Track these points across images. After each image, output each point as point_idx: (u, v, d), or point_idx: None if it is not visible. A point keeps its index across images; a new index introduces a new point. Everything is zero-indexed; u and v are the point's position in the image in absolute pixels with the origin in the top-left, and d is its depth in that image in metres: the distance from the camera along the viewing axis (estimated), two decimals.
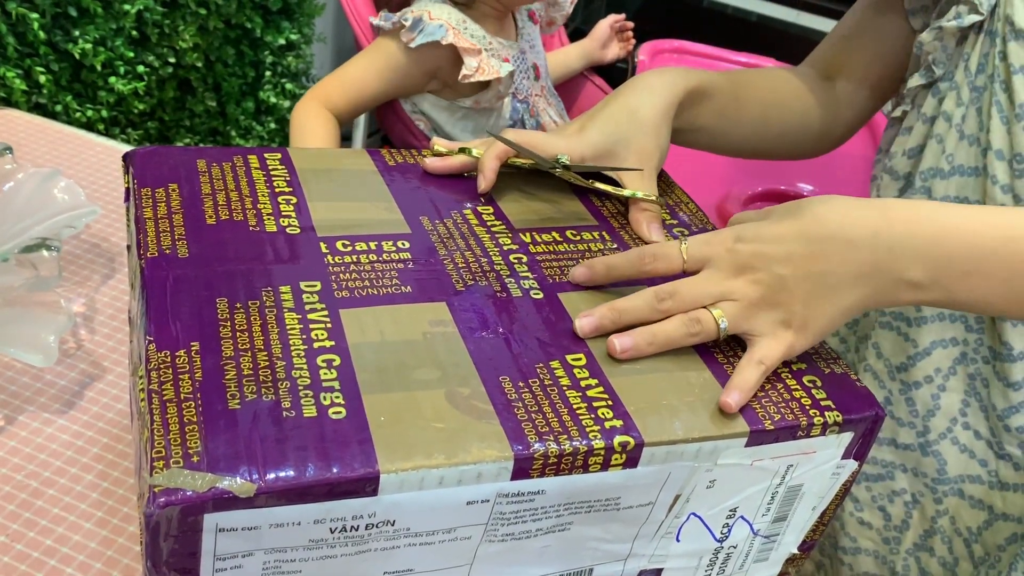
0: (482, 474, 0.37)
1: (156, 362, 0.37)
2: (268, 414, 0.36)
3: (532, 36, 1.05)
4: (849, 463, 0.46)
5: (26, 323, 0.56)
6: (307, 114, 0.92)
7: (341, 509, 0.35)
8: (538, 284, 0.47)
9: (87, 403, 0.58)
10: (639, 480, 0.41)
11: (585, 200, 0.56)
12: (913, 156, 0.60)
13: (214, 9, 1.09)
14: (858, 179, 0.96)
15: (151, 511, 0.32)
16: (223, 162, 0.51)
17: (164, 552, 0.34)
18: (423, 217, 0.51)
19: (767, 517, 0.47)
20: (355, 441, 0.36)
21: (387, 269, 0.46)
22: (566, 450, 0.38)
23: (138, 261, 0.44)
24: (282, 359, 0.39)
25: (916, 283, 0.44)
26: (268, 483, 0.34)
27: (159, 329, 0.39)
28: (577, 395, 0.41)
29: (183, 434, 0.35)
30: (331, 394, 0.38)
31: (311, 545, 0.36)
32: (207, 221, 0.46)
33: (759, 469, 0.44)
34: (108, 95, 0.99)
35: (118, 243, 0.71)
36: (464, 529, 0.39)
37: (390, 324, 0.42)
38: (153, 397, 0.36)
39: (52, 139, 0.82)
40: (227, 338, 0.39)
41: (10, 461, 0.53)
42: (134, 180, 0.48)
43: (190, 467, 0.33)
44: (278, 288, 0.43)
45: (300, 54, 1.29)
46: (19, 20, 0.87)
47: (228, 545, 0.34)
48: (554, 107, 1.06)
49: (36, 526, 0.50)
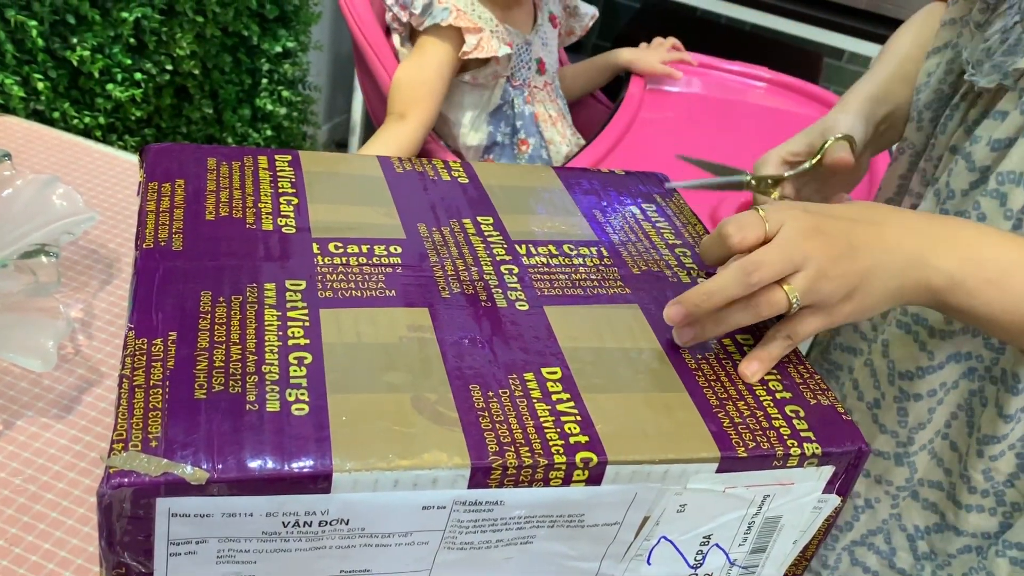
0: (438, 480, 0.37)
1: (132, 348, 0.39)
2: (231, 406, 0.37)
3: (547, 36, 1.07)
4: (832, 498, 0.45)
5: (25, 328, 0.57)
6: (386, 131, 0.93)
7: (293, 504, 0.36)
8: (525, 296, 0.47)
9: (85, 408, 0.58)
10: (603, 498, 0.40)
11: (590, 217, 0.56)
12: (998, 149, 0.53)
13: (211, 17, 1.11)
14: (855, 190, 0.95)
15: (104, 491, 0.34)
16: (232, 160, 0.53)
17: (118, 532, 0.35)
18: (421, 224, 0.51)
19: (744, 547, 0.45)
20: (313, 438, 0.37)
21: (375, 272, 0.47)
22: (525, 462, 0.38)
23: (135, 252, 0.45)
24: (255, 354, 0.40)
25: (947, 274, 0.45)
26: (220, 472, 0.35)
27: (141, 317, 0.40)
28: (546, 409, 0.41)
29: (146, 419, 0.36)
30: (297, 391, 0.39)
31: (264, 537, 0.37)
32: (206, 216, 0.48)
33: (733, 496, 0.43)
34: (105, 102, 1.01)
35: (116, 249, 0.73)
36: (421, 534, 0.39)
37: (368, 326, 0.43)
38: (124, 382, 0.37)
39: (50, 146, 0.83)
40: (205, 330, 0.40)
41: (8, 465, 0.54)
42: (145, 174, 0.50)
43: (147, 451, 0.35)
44: (263, 285, 0.44)
45: (296, 61, 1.30)
46: (18, 27, 0.89)
47: (181, 531, 0.35)
48: (555, 104, 1.07)
49: (34, 530, 0.51)
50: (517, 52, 1.01)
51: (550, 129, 1.05)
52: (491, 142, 1.03)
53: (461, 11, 0.95)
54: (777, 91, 1.16)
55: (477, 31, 0.95)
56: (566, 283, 0.49)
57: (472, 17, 0.96)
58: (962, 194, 0.55)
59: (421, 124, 0.93)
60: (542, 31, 1.06)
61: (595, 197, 0.58)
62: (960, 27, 0.56)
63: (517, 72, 1.02)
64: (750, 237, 0.45)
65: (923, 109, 0.59)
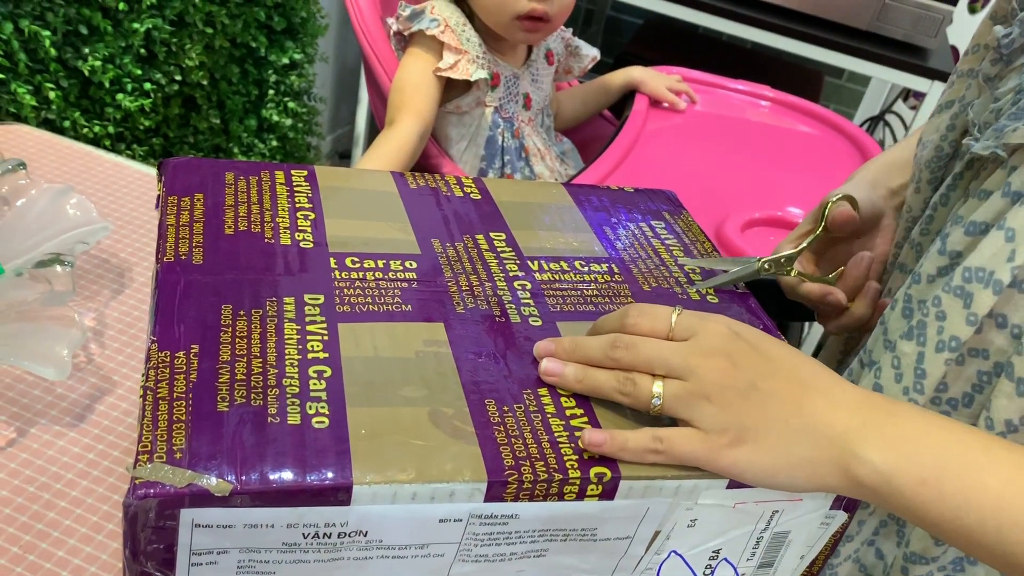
0: (455, 493, 0.38)
1: (156, 361, 0.40)
2: (253, 418, 0.38)
3: (539, 73, 1.07)
4: (839, 514, 0.45)
5: (40, 337, 0.57)
6: (378, 140, 0.94)
7: (314, 516, 0.37)
8: (538, 312, 0.48)
9: (98, 416, 0.59)
10: (616, 513, 0.41)
11: (600, 234, 0.57)
12: (972, 234, 0.48)
13: (220, 28, 1.12)
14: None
15: (130, 501, 0.34)
16: (250, 175, 0.54)
17: (142, 542, 0.35)
18: (435, 239, 0.52)
19: (752, 562, 0.46)
20: (333, 451, 0.37)
21: (391, 287, 0.47)
22: (541, 477, 0.39)
23: (155, 265, 0.46)
24: (275, 367, 0.40)
25: (872, 467, 0.39)
26: (244, 484, 0.35)
27: (163, 330, 0.41)
28: (560, 423, 0.41)
29: (170, 431, 0.36)
30: (317, 404, 0.39)
31: (285, 548, 0.37)
32: (225, 231, 0.49)
33: (742, 512, 0.43)
34: (115, 111, 1.02)
35: (127, 258, 0.74)
36: (437, 546, 0.40)
37: (385, 340, 0.44)
38: (148, 394, 0.38)
39: (61, 154, 0.84)
40: (226, 343, 0.41)
41: (22, 473, 0.54)
42: (164, 188, 0.51)
43: (172, 463, 0.35)
44: (282, 299, 0.45)
45: (303, 73, 1.31)
46: (31, 37, 0.90)
47: (203, 541, 0.36)
48: (542, 138, 1.07)
49: (48, 537, 0.51)
50: (505, 84, 1.01)
51: (540, 164, 1.05)
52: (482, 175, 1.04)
53: (450, 28, 0.96)
54: (781, 110, 1.18)
55: (458, 52, 0.95)
56: (578, 299, 0.50)
57: (460, 38, 0.96)
58: (928, 280, 0.50)
59: (411, 127, 0.93)
60: (534, 67, 1.06)
61: (605, 214, 0.59)
62: (970, 80, 0.51)
63: (505, 104, 1.02)
64: (644, 325, 0.43)
65: (923, 168, 0.55)
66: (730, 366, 0.41)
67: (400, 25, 0.98)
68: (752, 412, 0.41)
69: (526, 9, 0.94)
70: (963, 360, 0.47)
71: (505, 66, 1.02)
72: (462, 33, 0.97)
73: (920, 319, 0.48)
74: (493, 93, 1.01)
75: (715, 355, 0.41)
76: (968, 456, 0.39)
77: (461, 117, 1.02)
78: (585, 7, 2.39)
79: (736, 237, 0.84)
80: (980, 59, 0.49)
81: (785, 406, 0.41)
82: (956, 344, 0.46)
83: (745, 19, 1.49)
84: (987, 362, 0.46)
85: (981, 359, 0.46)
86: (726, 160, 1.04)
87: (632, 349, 0.42)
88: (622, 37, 2.38)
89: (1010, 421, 0.45)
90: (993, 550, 0.39)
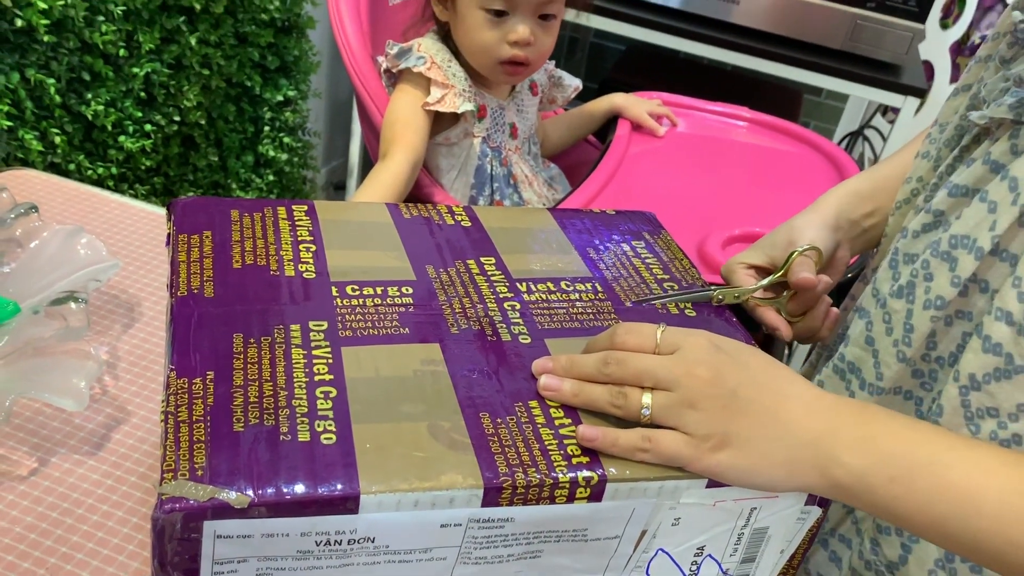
0: (454, 499, 0.41)
1: (175, 387, 0.43)
2: (267, 437, 0.41)
3: (524, 104, 1.11)
4: (814, 509, 0.48)
5: (58, 370, 0.60)
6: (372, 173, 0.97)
7: (325, 524, 0.40)
8: (527, 330, 0.52)
9: (115, 444, 0.62)
10: (604, 514, 0.44)
11: (584, 255, 0.61)
12: (955, 196, 0.51)
13: (216, 69, 1.17)
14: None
15: (158, 516, 0.37)
16: (254, 212, 0.57)
17: (169, 553, 0.38)
18: (429, 266, 0.56)
19: (735, 557, 0.49)
20: (341, 464, 0.40)
21: (389, 312, 0.51)
22: (533, 482, 0.42)
23: (170, 299, 0.49)
24: (285, 389, 0.44)
25: (848, 469, 0.43)
26: (260, 496, 0.38)
27: (180, 359, 0.45)
28: (550, 432, 0.45)
29: (191, 451, 0.40)
30: (325, 422, 0.43)
31: (299, 555, 0.40)
32: (233, 265, 0.52)
33: (722, 510, 0.46)
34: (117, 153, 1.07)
35: (136, 294, 0.77)
36: (440, 550, 0.43)
37: (385, 361, 0.47)
38: (169, 418, 0.41)
39: (69, 196, 0.88)
40: (239, 369, 0.45)
41: (45, 500, 0.58)
42: (174, 227, 0.55)
43: (194, 479, 0.38)
44: (289, 326, 0.48)
45: (297, 109, 1.37)
46: (37, 85, 0.94)
47: (225, 551, 0.39)
48: (529, 165, 1.12)
49: (73, 559, 0.54)
50: (492, 115, 1.06)
51: (528, 190, 1.10)
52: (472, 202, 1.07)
53: (436, 64, 1.00)
54: (757, 129, 1.22)
55: (444, 86, 0.99)
56: (564, 317, 0.53)
57: (446, 73, 1.00)
58: (913, 235, 0.54)
59: (403, 159, 0.96)
60: (519, 98, 1.10)
61: (588, 236, 0.63)
62: (988, 64, 0.53)
63: (493, 134, 1.07)
64: (631, 342, 0.46)
65: (943, 147, 0.56)
66: (712, 377, 0.45)
67: (389, 63, 1.03)
68: (733, 419, 0.44)
69: (508, 55, 0.99)
70: (951, 321, 0.51)
71: (491, 98, 1.06)
72: (448, 68, 1.02)
73: (910, 279, 0.52)
74: (480, 124, 1.05)
75: (698, 367, 0.45)
76: (933, 454, 0.43)
77: (451, 148, 1.06)
78: (569, 35, 2.45)
79: (717, 253, 0.88)
80: (998, 45, 0.52)
81: (764, 413, 0.44)
82: (941, 303, 0.50)
83: (724, 43, 1.54)
84: (970, 324, 0.50)
85: (966, 321, 0.50)
86: (707, 179, 1.09)
87: (622, 364, 0.46)
88: (606, 63, 2.43)
89: (973, 375, 0.48)
90: (960, 539, 0.42)
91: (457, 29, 1.01)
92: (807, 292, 0.60)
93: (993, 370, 0.47)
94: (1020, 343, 0.46)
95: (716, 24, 1.57)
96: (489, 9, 0.96)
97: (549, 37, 1.01)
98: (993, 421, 0.48)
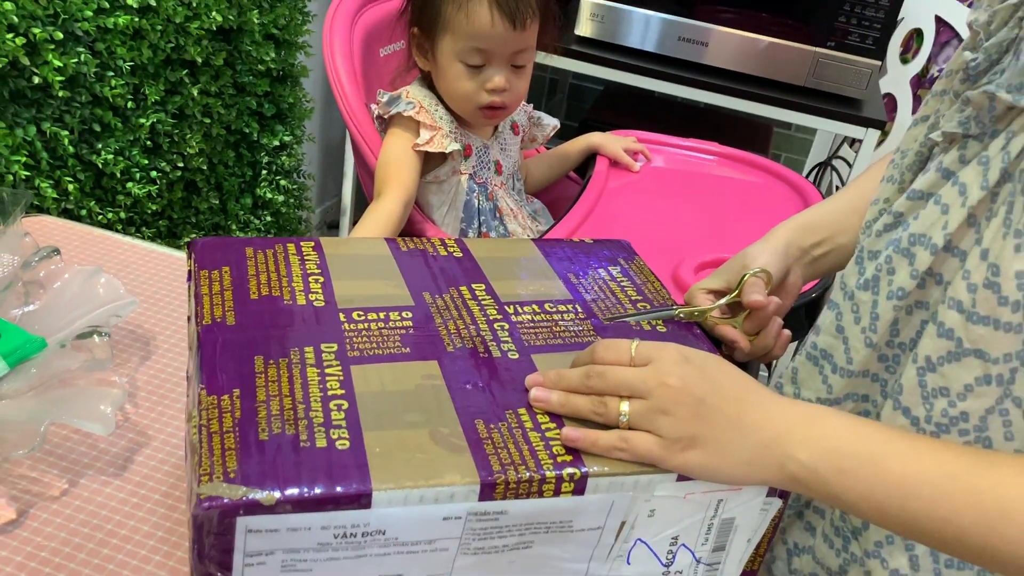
0: (455, 495, 0.47)
1: (206, 404, 0.49)
2: (289, 444, 0.47)
3: (507, 142, 1.19)
4: (775, 501, 0.54)
5: (86, 398, 0.65)
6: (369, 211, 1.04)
7: (342, 518, 0.45)
8: (515, 347, 0.58)
9: (137, 466, 0.68)
10: (587, 506, 0.50)
11: (566, 280, 0.67)
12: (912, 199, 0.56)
13: (217, 118, 1.24)
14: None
15: (197, 512, 0.43)
16: (266, 249, 0.64)
17: (206, 546, 0.44)
18: (425, 292, 0.62)
19: (707, 546, 0.55)
20: (354, 466, 0.46)
21: (392, 334, 0.57)
22: (523, 478, 0.48)
23: (196, 328, 0.55)
24: (303, 403, 0.50)
25: (800, 463, 0.49)
26: (286, 495, 0.44)
27: (209, 379, 0.50)
28: (538, 435, 0.51)
29: (224, 457, 0.45)
30: (339, 430, 0.48)
31: (319, 548, 0.46)
32: (251, 296, 0.58)
33: (692, 502, 0.52)
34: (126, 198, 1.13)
35: (151, 328, 0.83)
36: (442, 541, 0.48)
37: (390, 377, 0.53)
38: (202, 430, 0.47)
39: (83, 240, 0.95)
40: (261, 386, 0.50)
41: (77, 517, 0.63)
42: (195, 264, 0.61)
43: (228, 481, 0.44)
44: (303, 348, 0.54)
45: (292, 153, 1.44)
46: (52, 137, 1.01)
47: (255, 544, 0.45)
48: (514, 199, 1.19)
49: (105, 570, 0.59)
50: (477, 154, 1.13)
51: (512, 222, 1.17)
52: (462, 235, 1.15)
53: (424, 108, 1.08)
54: (726, 162, 1.30)
55: (432, 128, 1.07)
56: (548, 335, 0.60)
57: (433, 116, 1.08)
58: (876, 234, 0.59)
59: (396, 198, 1.03)
60: (502, 138, 1.18)
61: (569, 263, 0.69)
62: (943, 97, 0.58)
63: (479, 171, 1.14)
64: (609, 357, 0.53)
65: (905, 171, 0.61)
66: (682, 386, 0.51)
67: (380, 110, 1.10)
68: (700, 424, 0.50)
69: (487, 102, 1.07)
70: (911, 311, 0.56)
71: (475, 138, 1.14)
72: (435, 112, 1.09)
73: (875, 274, 0.58)
74: (467, 162, 1.13)
75: (669, 377, 0.51)
76: (874, 448, 0.49)
77: (440, 185, 1.13)
78: (550, 77, 2.54)
79: (690, 278, 0.94)
80: (951, 80, 0.57)
81: (727, 418, 0.50)
82: (902, 294, 0.56)
83: (695, 83, 1.63)
84: (927, 312, 0.56)
85: (924, 310, 0.56)
86: (680, 210, 1.16)
87: (602, 377, 0.52)
88: (584, 103, 2.53)
89: (929, 358, 0.54)
90: (900, 519, 0.48)
91: (438, 79, 1.09)
92: (760, 311, 0.66)
93: (946, 353, 0.53)
94: (968, 329, 0.52)
95: (688, 65, 1.66)
96: (466, 62, 1.04)
97: (522, 82, 1.09)
98: (944, 400, 0.54)
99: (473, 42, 1.03)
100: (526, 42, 1.05)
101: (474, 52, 1.04)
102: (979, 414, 0.52)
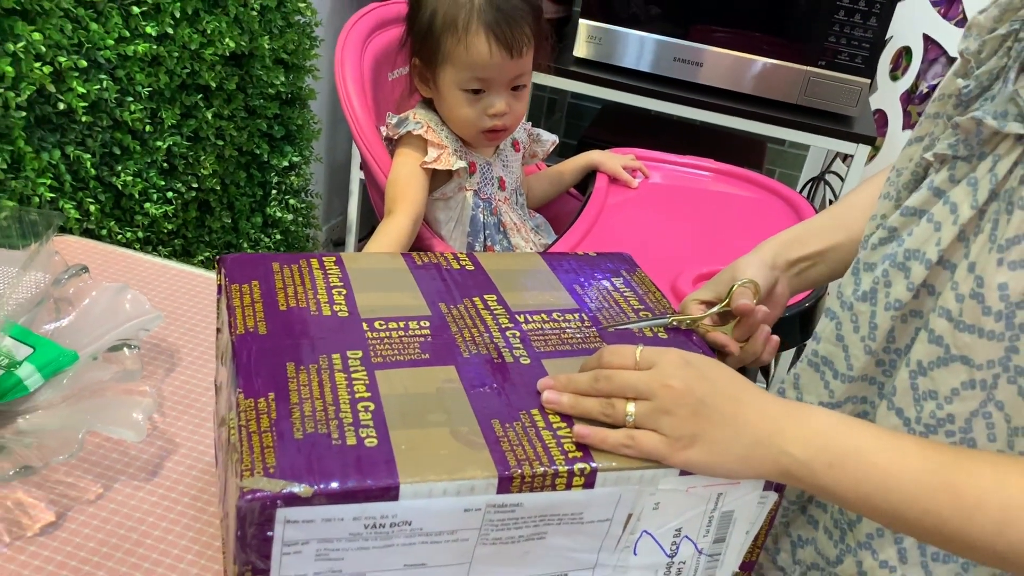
0: (475, 488, 0.51)
1: (244, 406, 0.53)
2: (322, 442, 0.51)
3: (508, 159, 1.24)
4: (771, 494, 0.58)
5: (118, 406, 0.69)
6: (381, 227, 1.08)
7: (372, 510, 0.49)
8: (527, 353, 0.62)
9: (167, 471, 0.71)
10: (596, 499, 0.54)
11: (572, 291, 0.71)
12: (905, 215, 0.60)
13: (229, 140, 1.30)
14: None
15: (241, 504, 0.47)
16: (292, 264, 0.68)
17: (248, 536, 0.48)
18: (441, 303, 0.66)
19: (708, 538, 0.59)
20: (383, 461, 0.50)
21: (411, 341, 0.61)
22: (537, 472, 0.52)
23: (229, 337, 0.59)
24: (333, 405, 0.54)
25: (792, 457, 0.53)
26: (321, 488, 0.48)
27: (246, 384, 0.54)
28: (550, 434, 0.55)
29: (263, 454, 0.49)
30: (367, 429, 0.52)
31: (351, 537, 0.50)
32: (279, 307, 0.62)
33: (694, 495, 0.56)
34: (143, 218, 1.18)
35: (175, 342, 0.87)
36: (463, 532, 0.52)
37: (412, 381, 0.57)
38: (242, 430, 0.51)
39: (106, 258, 0.99)
40: (294, 390, 0.54)
41: (112, 520, 0.66)
42: (226, 278, 0.65)
43: (267, 476, 0.48)
44: (331, 355, 0.58)
45: (300, 173, 1.49)
46: (75, 160, 1.06)
47: (292, 534, 0.48)
48: (517, 214, 1.24)
49: (141, 568, 0.63)
50: (481, 171, 1.18)
51: (516, 236, 1.21)
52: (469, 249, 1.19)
53: (431, 128, 1.13)
54: (721, 178, 1.35)
55: (439, 147, 1.12)
56: (557, 341, 0.64)
57: (439, 135, 1.13)
58: (872, 247, 0.62)
59: (406, 215, 1.08)
60: (503, 155, 1.24)
61: (574, 275, 0.74)
62: (937, 120, 0.61)
63: (483, 187, 1.19)
64: (616, 362, 0.56)
65: (901, 189, 0.63)
66: (684, 388, 0.54)
67: (390, 131, 1.15)
68: (701, 423, 0.54)
69: (488, 126, 1.12)
70: (906, 319, 0.60)
71: (478, 156, 1.19)
72: (440, 131, 1.14)
73: (872, 286, 0.62)
74: (472, 179, 1.17)
75: (671, 380, 0.55)
76: (861, 444, 0.53)
77: (447, 202, 1.18)
78: (549, 97, 2.60)
79: (688, 289, 0.98)
80: (944, 104, 0.60)
81: (725, 417, 0.54)
82: (899, 304, 0.59)
83: (691, 102, 1.68)
84: (920, 320, 0.60)
85: (917, 318, 0.60)
86: (678, 224, 1.20)
87: (610, 380, 0.56)
88: (583, 121, 2.58)
89: (920, 362, 0.57)
90: (884, 510, 0.52)
91: (440, 105, 1.14)
92: (748, 318, 0.70)
93: (936, 358, 0.57)
94: (956, 336, 0.56)
95: (683, 85, 1.71)
96: (467, 89, 1.09)
97: (521, 103, 1.14)
98: (933, 402, 0.57)
99: (473, 72, 1.08)
100: (523, 68, 1.10)
101: (474, 80, 1.09)
102: (964, 416, 0.56)
